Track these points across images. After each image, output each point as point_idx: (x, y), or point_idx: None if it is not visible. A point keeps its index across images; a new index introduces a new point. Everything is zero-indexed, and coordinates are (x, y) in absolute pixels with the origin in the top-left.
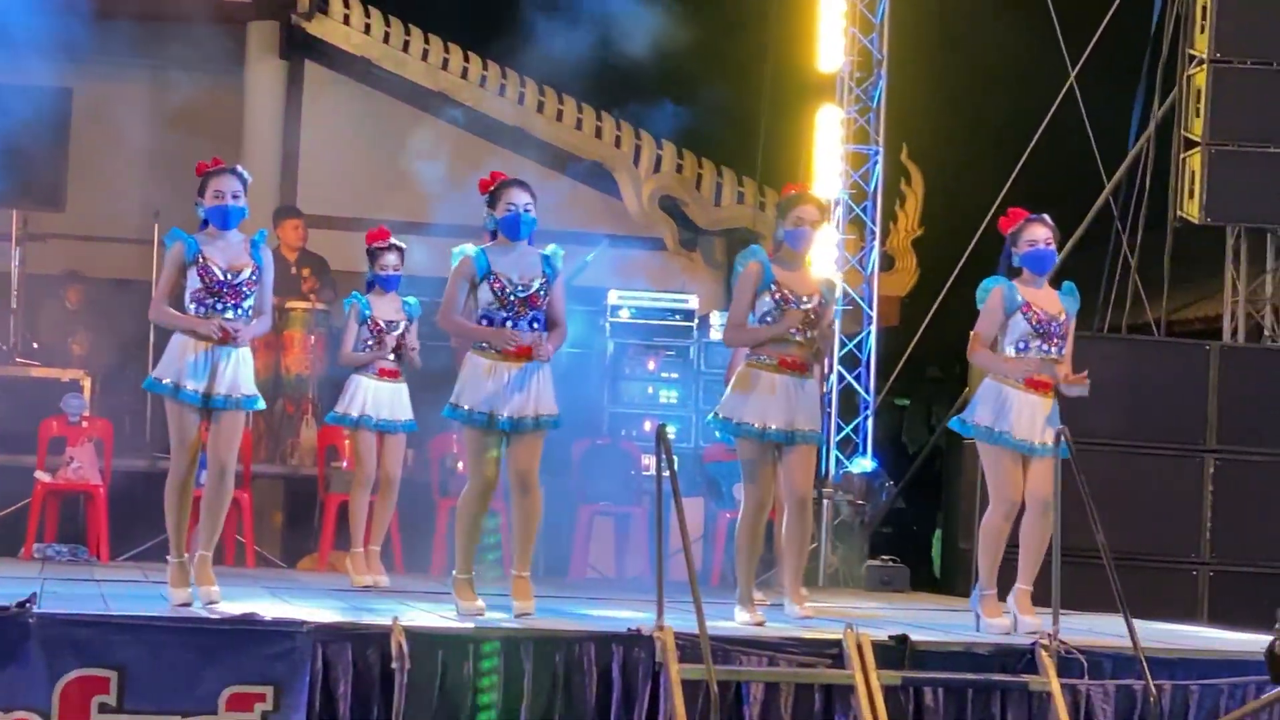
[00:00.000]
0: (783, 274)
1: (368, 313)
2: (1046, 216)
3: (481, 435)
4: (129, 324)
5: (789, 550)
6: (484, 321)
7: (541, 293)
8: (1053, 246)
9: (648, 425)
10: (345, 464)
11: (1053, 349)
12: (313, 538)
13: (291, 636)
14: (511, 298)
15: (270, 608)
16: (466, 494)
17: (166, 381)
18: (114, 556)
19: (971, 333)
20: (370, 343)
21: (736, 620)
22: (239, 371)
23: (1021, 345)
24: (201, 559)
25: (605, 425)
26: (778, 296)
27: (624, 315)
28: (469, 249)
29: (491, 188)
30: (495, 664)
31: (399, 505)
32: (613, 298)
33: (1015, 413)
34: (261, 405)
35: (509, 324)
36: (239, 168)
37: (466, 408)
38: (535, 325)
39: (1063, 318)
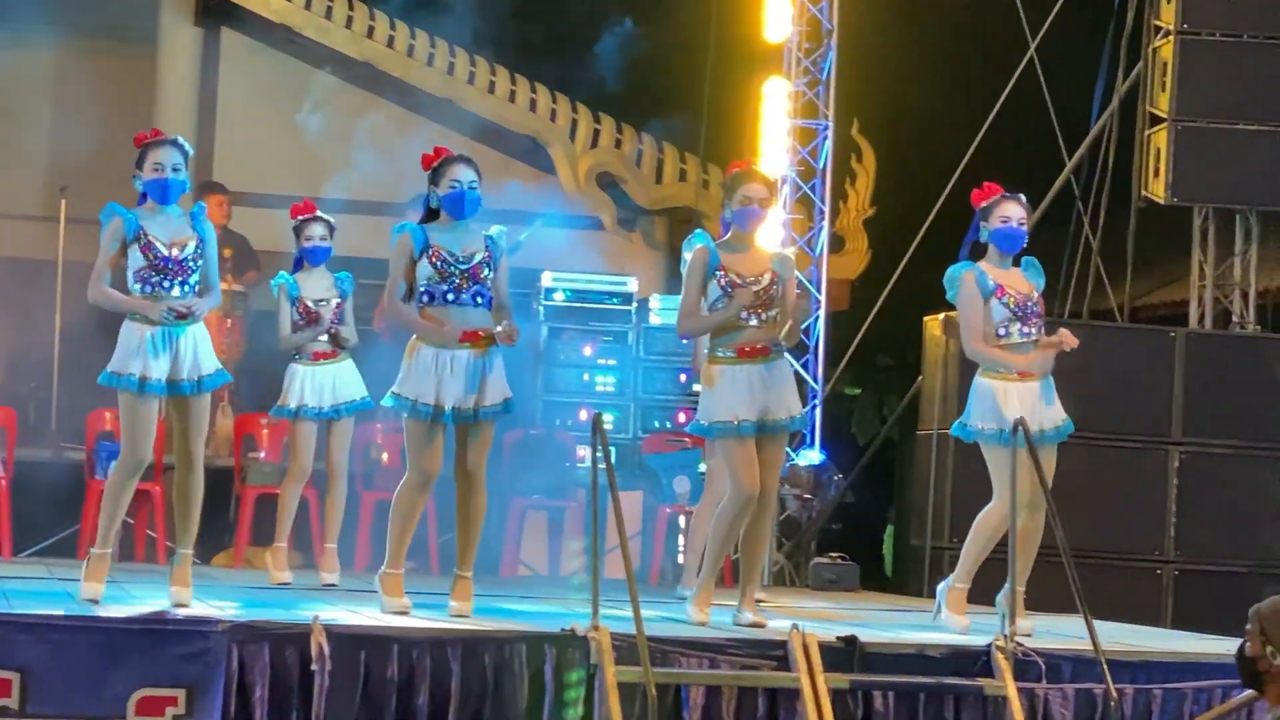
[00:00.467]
0: (730, 257)
1: (296, 292)
2: (1022, 196)
3: (426, 427)
4: (32, 306)
5: (749, 549)
6: (425, 298)
7: (485, 267)
8: (1025, 228)
9: (583, 414)
10: (263, 454)
11: (1032, 330)
12: (228, 532)
13: (205, 636)
14: (453, 270)
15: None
16: (405, 486)
17: (130, 374)
18: (16, 552)
19: (962, 327)
20: (303, 324)
21: (692, 618)
22: (199, 349)
23: (1002, 331)
24: (183, 559)
25: (538, 414)
26: (724, 282)
27: (559, 298)
28: (408, 226)
29: (435, 163)
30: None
31: (319, 499)
32: (547, 280)
33: (1014, 407)
34: (228, 378)
35: (450, 297)
36: (180, 139)
37: (411, 398)
38: (479, 300)
39: (1035, 295)
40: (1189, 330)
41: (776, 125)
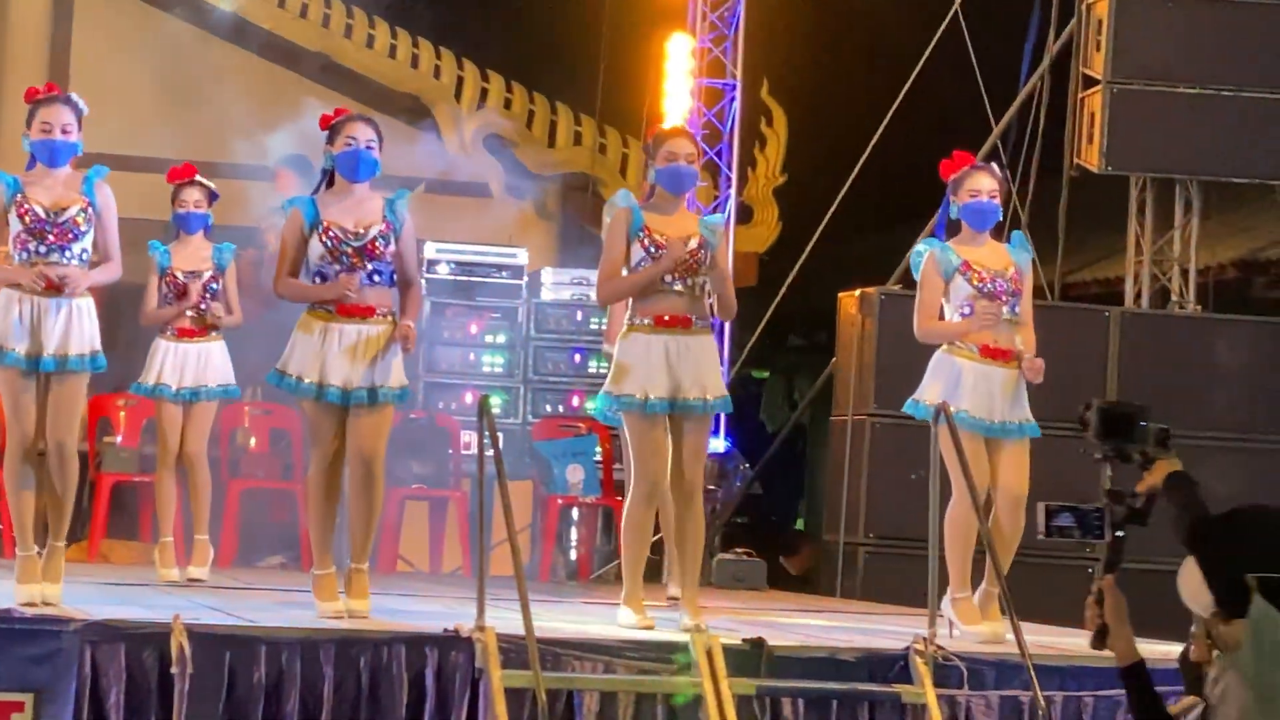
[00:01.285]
0: (655, 219)
1: (166, 263)
2: (994, 166)
3: (313, 407)
4: None
5: (679, 549)
6: (317, 279)
7: (381, 241)
8: (997, 200)
9: (469, 397)
10: (120, 439)
11: (1004, 309)
12: (81, 523)
13: (56, 636)
14: (345, 248)
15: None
16: (308, 478)
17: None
18: None
19: (917, 313)
20: (171, 297)
21: (619, 622)
22: (71, 326)
23: (966, 309)
24: (53, 551)
25: (420, 397)
26: (648, 244)
27: (442, 271)
28: (298, 200)
29: (333, 122)
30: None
31: (178, 489)
32: (430, 251)
33: (970, 387)
34: (102, 365)
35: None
36: (74, 96)
37: (294, 375)
38: (377, 279)
39: (1011, 272)
40: (1124, 310)
41: (679, 85)
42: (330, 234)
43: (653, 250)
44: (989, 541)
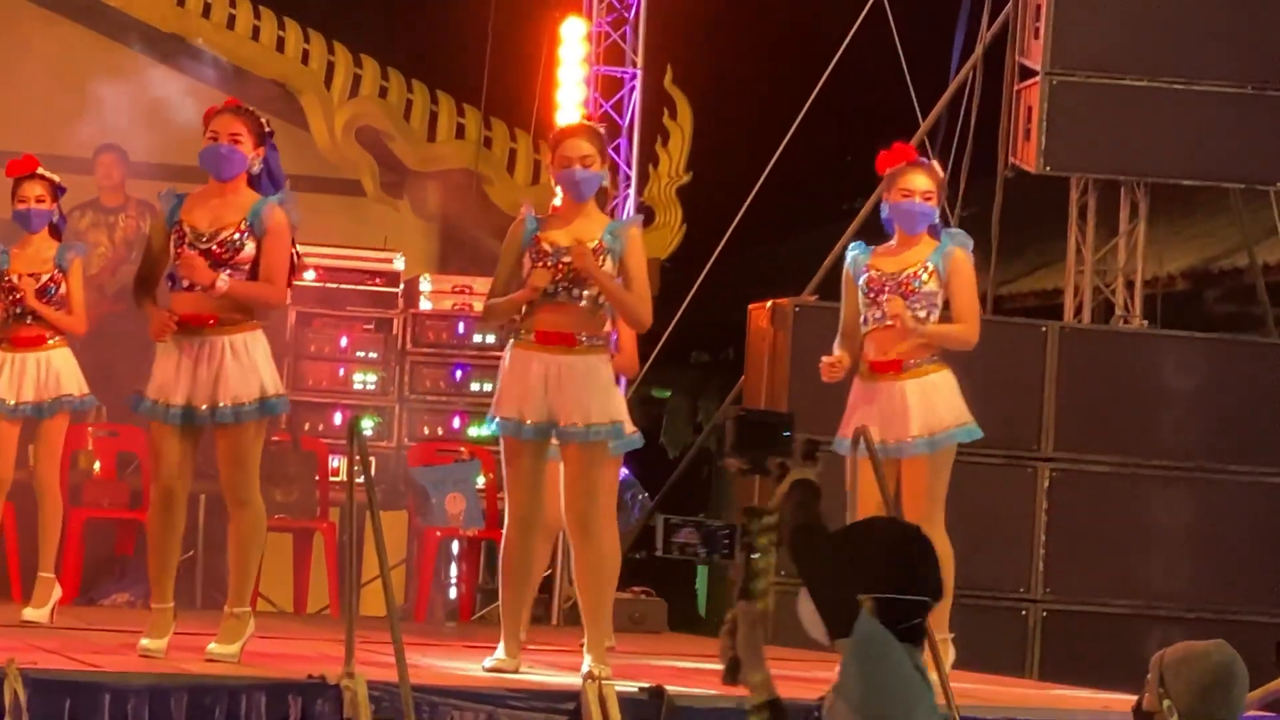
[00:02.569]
0: (552, 227)
1: (4, 265)
2: (935, 164)
3: (157, 429)
4: None
5: (579, 591)
6: (169, 283)
7: (236, 244)
8: (932, 203)
9: (338, 418)
10: None
11: (883, 313)
12: None
13: None
14: (193, 249)
15: None
16: (150, 507)
17: None
18: None
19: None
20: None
21: (485, 666)
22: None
23: (862, 320)
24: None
25: (283, 417)
26: (534, 254)
27: (309, 278)
28: (172, 193)
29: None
30: None
31: (16, 515)
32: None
33: (861, 412)
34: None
35: (187, 284)
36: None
37: (147, 395)
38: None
39: (907, 273)
40: (1063, 325)
41: (574, 73)
42: (179, 233)
43: (535, 261)
44: None
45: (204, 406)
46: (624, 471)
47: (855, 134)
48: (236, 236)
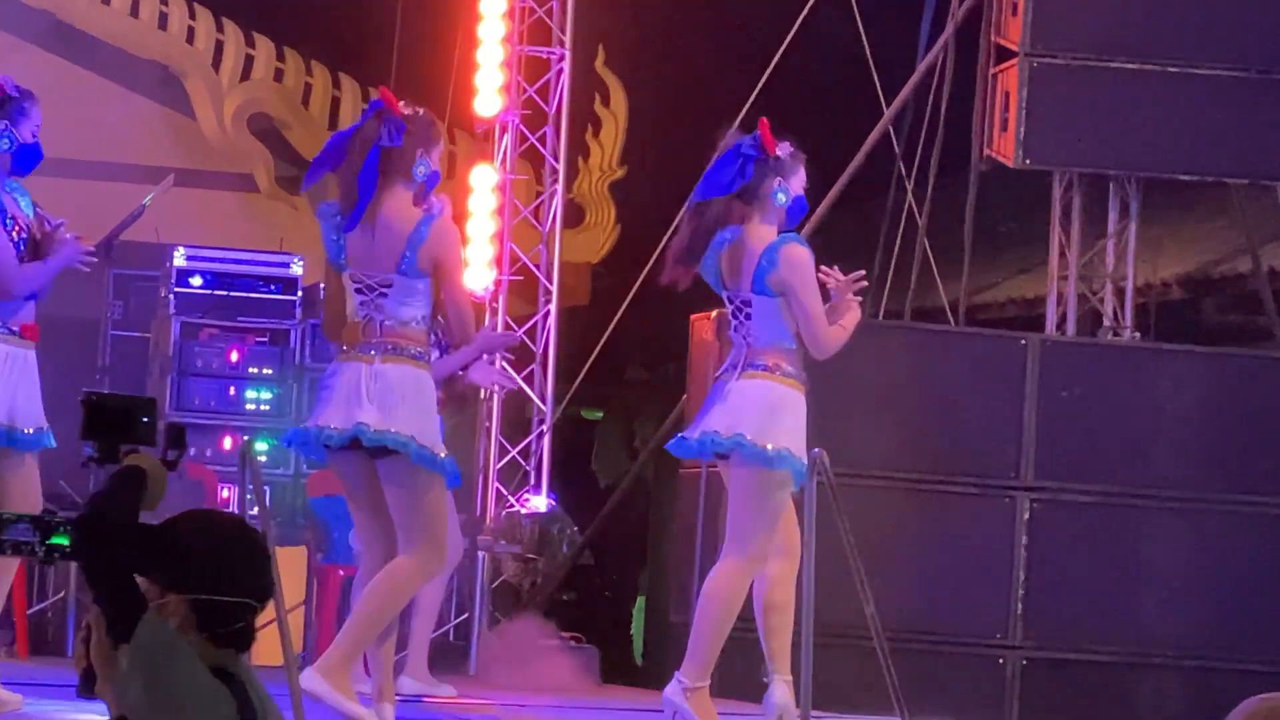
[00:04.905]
0: None
1: None
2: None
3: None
4: None
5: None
6: None
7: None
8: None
9: (228, 441)
10: None
11: None
12: None
13: None
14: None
15: None
16: None
17: None
18: None
19: (805, 317)
20: None
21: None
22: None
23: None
24: None
25: (163, 441)
26: None
27: (195, 284)
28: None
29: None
30: None
31: None
32: (179, 259)
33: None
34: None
35: None
36: None
37: None
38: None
39: None
40: (1045, 337)
41: (494, 54)
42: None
43: None
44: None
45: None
46: (550, 502)
47: (811, 123)
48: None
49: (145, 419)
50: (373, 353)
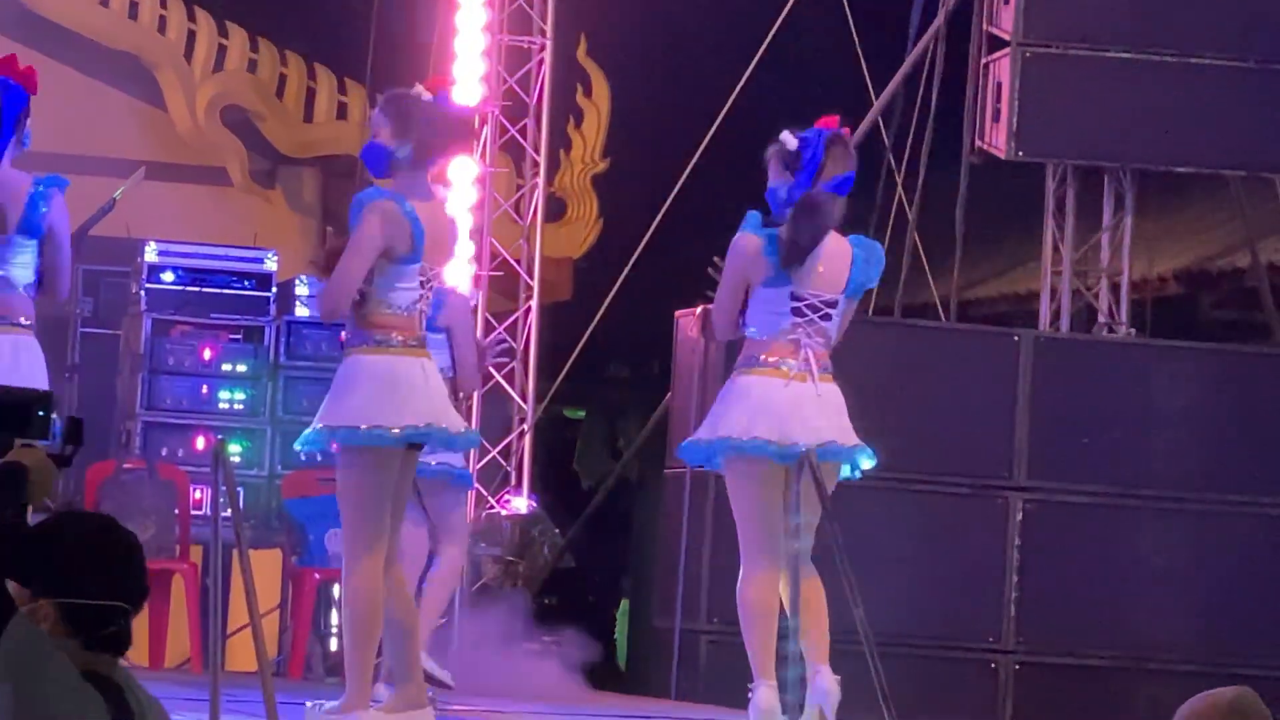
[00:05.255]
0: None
1: None
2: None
3: None
4: None
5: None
6: None
7: None
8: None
9: (201, 442)
10: None
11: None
12: None
13: None
14: None
15: None
16: None
17: None
18: None
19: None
20: None
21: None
22: None
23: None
24: None
25: (136, 441)
26: None
27: (167, 279)
28: None
29: None
30: None
31: None
32: (151, 254)
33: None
34: None
35: None
36: None
37: None
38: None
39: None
40: (1039, 333)
41: (472, 43)
42: None
43: None
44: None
45: None
46: (531, 503)
47: (798, 114)
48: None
49: (41, 413)
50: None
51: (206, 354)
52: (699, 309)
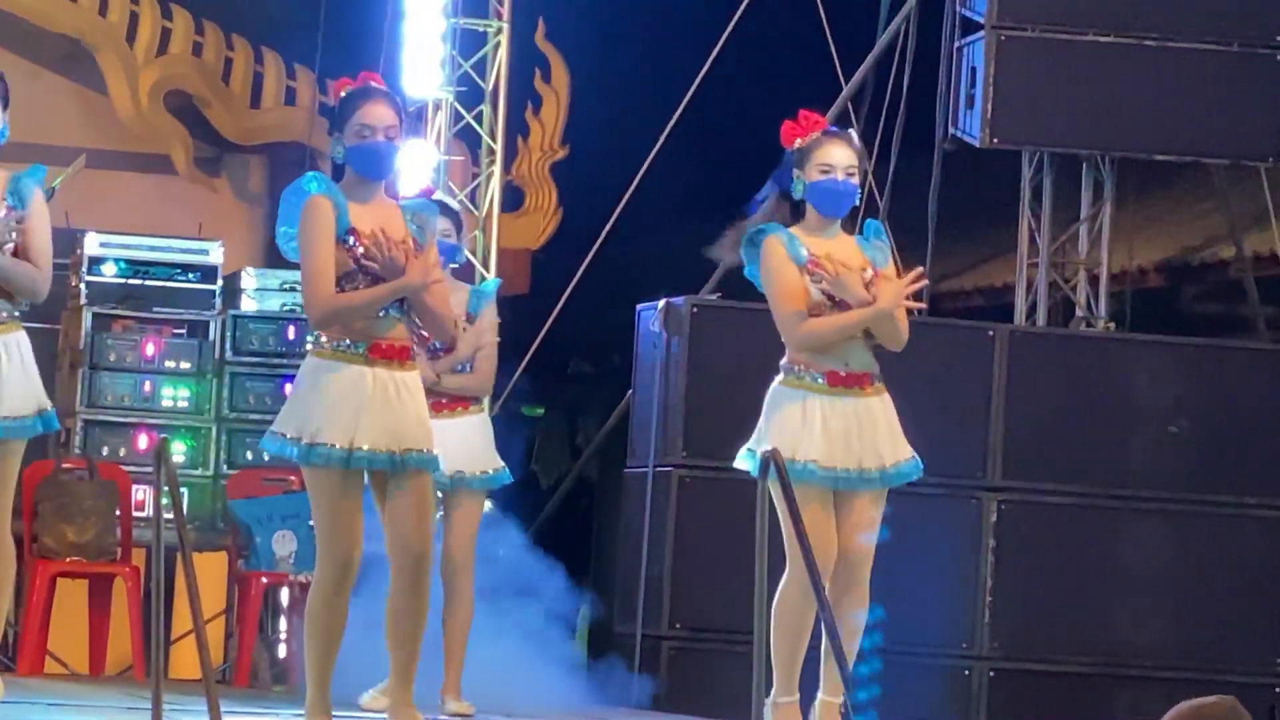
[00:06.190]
0: (359, 210)
1: None
2: (854, 134)
3: None
4: None
5: (392, 639)
6: None
7: None
8: (855, 180)
9: (143, 440)
10: None
11: None
12: None
13: None
14: None
15: None
16: None
17: None
18: None
19: (780, 306)
20: None
21: None
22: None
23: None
24: None
25: (75, 440)
26: (353, 245)
27: (108, 271)
28: None
29: None
30: None
31: None
32: (91, 245)
33: (820, 427)
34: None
35: None
36: None
37: None
38: None
39: (868, 274)
40: (1014, 328)
41: (427, 27)
42: None
43: (360, 257)
44: (831, 633)
45: None
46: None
47: (765, 101)
48: None
49: None
50: None
51: (149, 349)
52: (661, 303)
